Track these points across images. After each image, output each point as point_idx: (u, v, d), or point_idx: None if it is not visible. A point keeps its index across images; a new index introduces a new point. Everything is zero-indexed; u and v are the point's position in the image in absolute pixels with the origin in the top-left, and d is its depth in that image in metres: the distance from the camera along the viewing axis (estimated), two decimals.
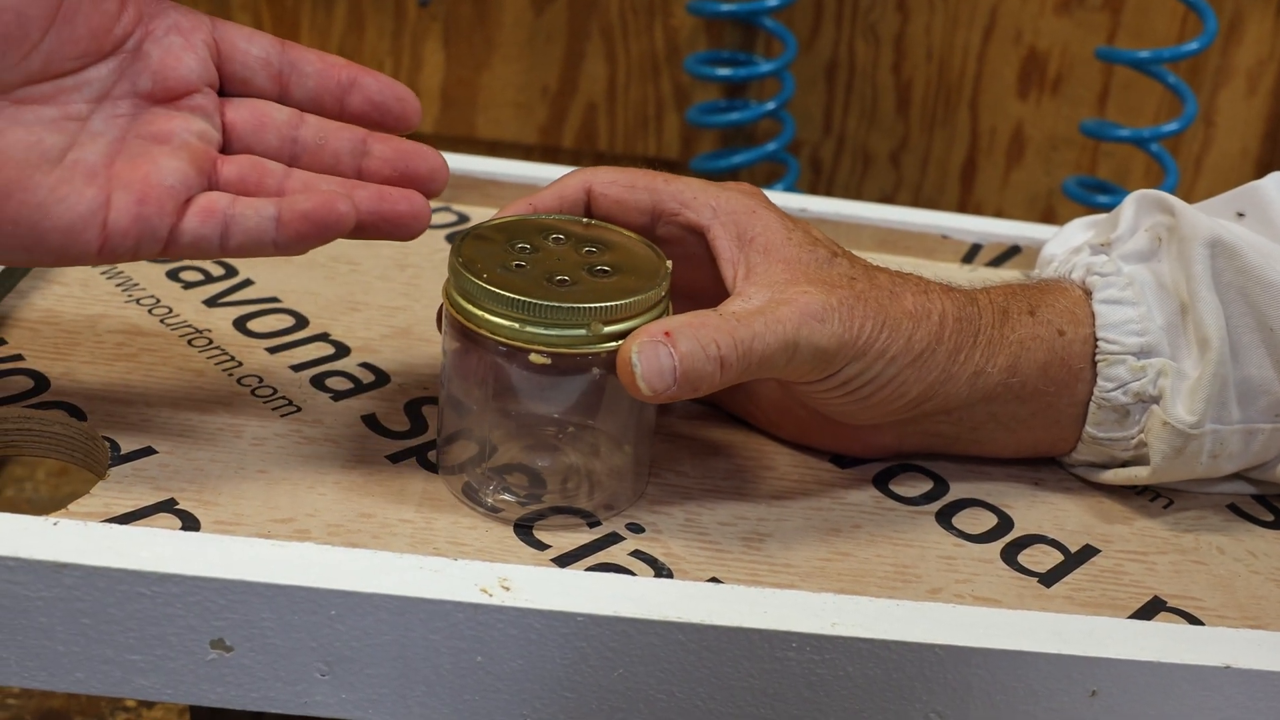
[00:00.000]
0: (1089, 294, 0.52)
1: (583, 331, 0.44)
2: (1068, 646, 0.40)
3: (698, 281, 0.49)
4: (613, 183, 0.49)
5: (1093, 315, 0.51)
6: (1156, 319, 0.50)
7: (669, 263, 0.47)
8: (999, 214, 1.31)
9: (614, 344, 0.44)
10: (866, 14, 1.23)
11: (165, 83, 0.45)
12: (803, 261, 0.47)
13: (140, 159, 0.44)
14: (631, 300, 0.44)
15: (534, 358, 0.44)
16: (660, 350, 0.43)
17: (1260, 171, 1.27)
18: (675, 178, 0.49)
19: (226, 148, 0.46)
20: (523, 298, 0.43)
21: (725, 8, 1.14)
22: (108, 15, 0.44)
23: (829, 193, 1.31)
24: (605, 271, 0.46)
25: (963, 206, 1.31)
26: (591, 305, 0.43)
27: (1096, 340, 0.50)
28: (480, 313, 0.44)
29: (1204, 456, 0.50)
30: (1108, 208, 1.16)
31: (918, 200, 1.31)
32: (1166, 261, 0.52)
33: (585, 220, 0.49)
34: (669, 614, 0.39)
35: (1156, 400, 0.50)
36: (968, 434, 0.51)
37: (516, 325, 0.43)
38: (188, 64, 0.45)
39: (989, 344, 0.49)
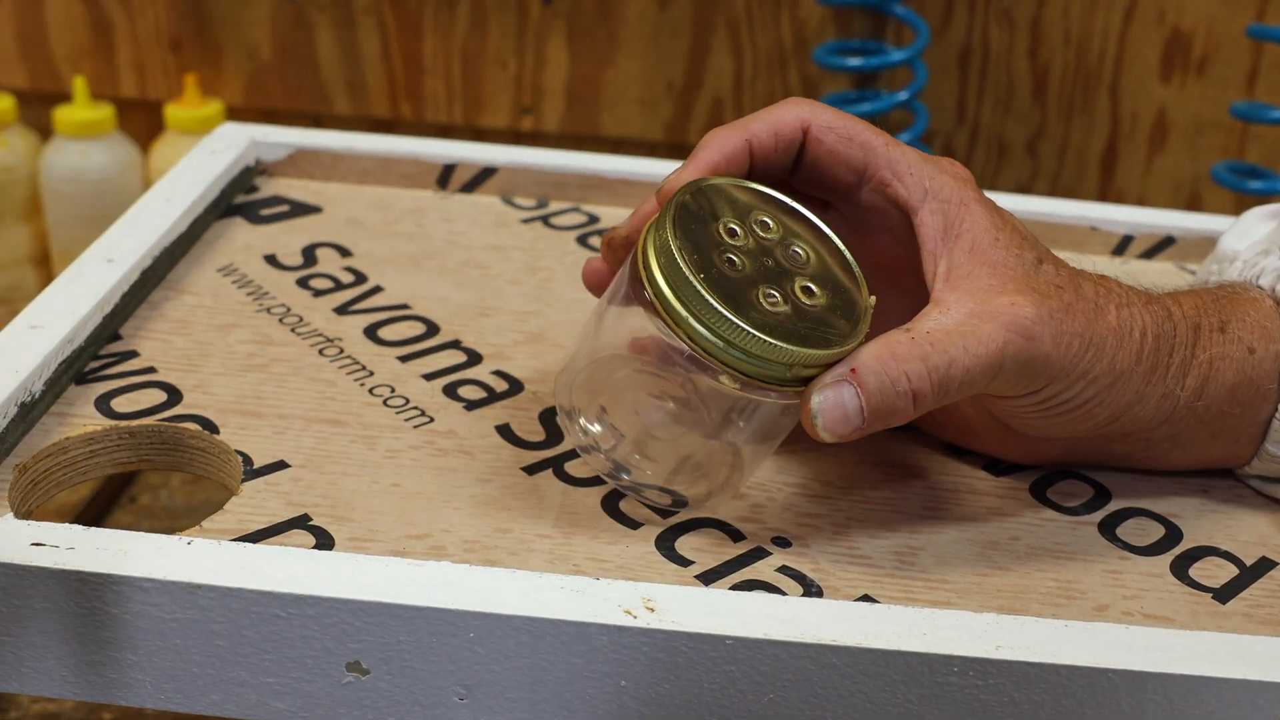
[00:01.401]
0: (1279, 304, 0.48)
1: (781, 371, 0.41)
2: (1254, 671, 0.37)
3: (896, 257, 0.46)
4: (829, 128, 0.45)
5: None
6: None
7: (872, 299, 0.43)
8: (1142, 203, 1.26)
9: (801, 387, 0.41)
10: None
11: None
12: (1010, 266, 0.43)
13: None
14: (836, 351, 0.41)
15: (724, 380, 0.41)
16: (845, 392, 0.41)
17: None
18: (894, 142, 0.46)
19: None
20: (736, 319, 0.40)
21: None
22: None
23: None
24: (809, 291, 0.42)
25: (1103, 195, 1.26)
26: (800, 350, 0.40)
27: None
28: (685, 314, 0.40)
29: None
30: (1260, 194, 1.11)
31: (1056, 190, 1.27)
32: None
33: (792, 205, 0.45)
34: (822, 636, 0.37)
35: None
36: (1141, 452, 0.48)
37: (720, 344, 0.40)
38: None
39: (1180, 365, 0.45)
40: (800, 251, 0.43)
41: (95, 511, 0.90)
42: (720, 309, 0.40)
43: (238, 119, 1.30)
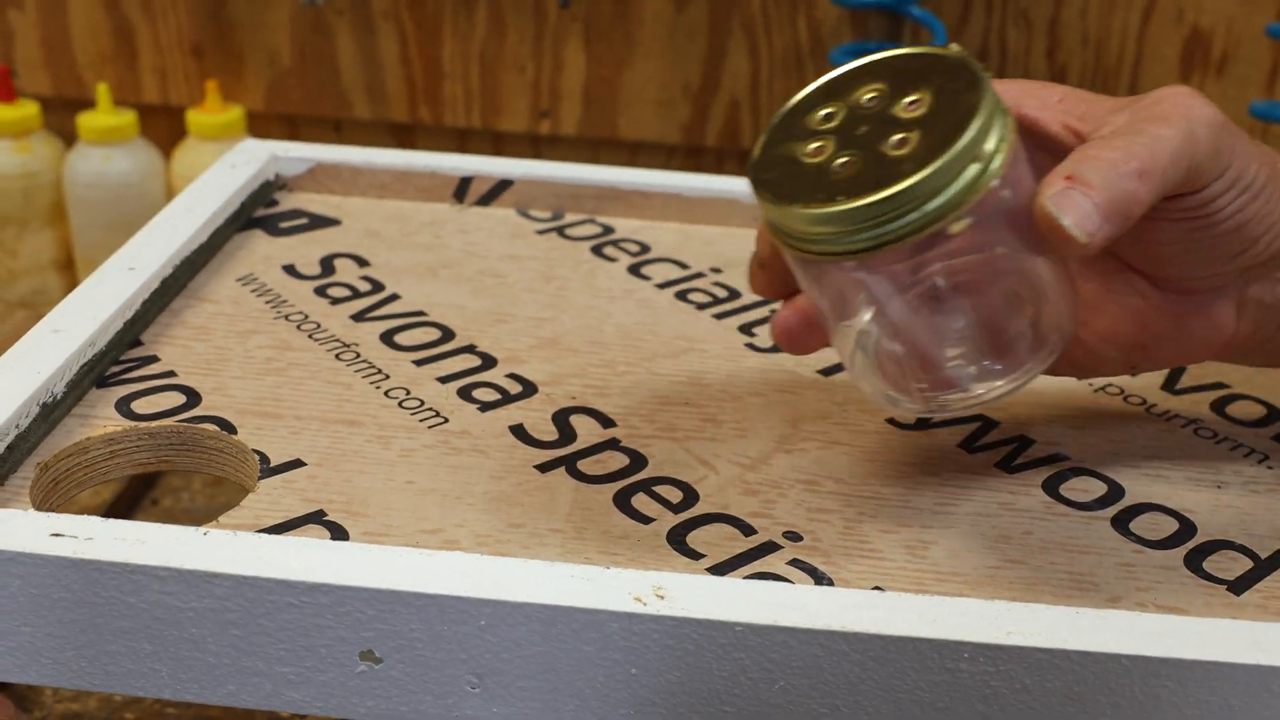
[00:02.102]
0: None
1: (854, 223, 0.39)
2: (1268, 657, 0.37)
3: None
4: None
5: None
6: None
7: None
8: None
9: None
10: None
11: None
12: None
13: None
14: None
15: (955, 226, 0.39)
16: (1074, 195, 0.39)
17: None
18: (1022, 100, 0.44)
19: None
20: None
21: None
22: None
23: None
24: (903, 143, 0.39)
25: None
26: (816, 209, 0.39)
27: None
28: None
29: None
30: None
31: None
32: None
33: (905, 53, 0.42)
34: (832, 623, 0.37)
35: None
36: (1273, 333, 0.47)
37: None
38: None
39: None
40: (910, 102, 0.40)
41: (117, 514, 0.91)
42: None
43: (259, 124, 1.31)
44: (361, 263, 0.63)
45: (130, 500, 0.92)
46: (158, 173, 1.28)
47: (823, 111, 0.42)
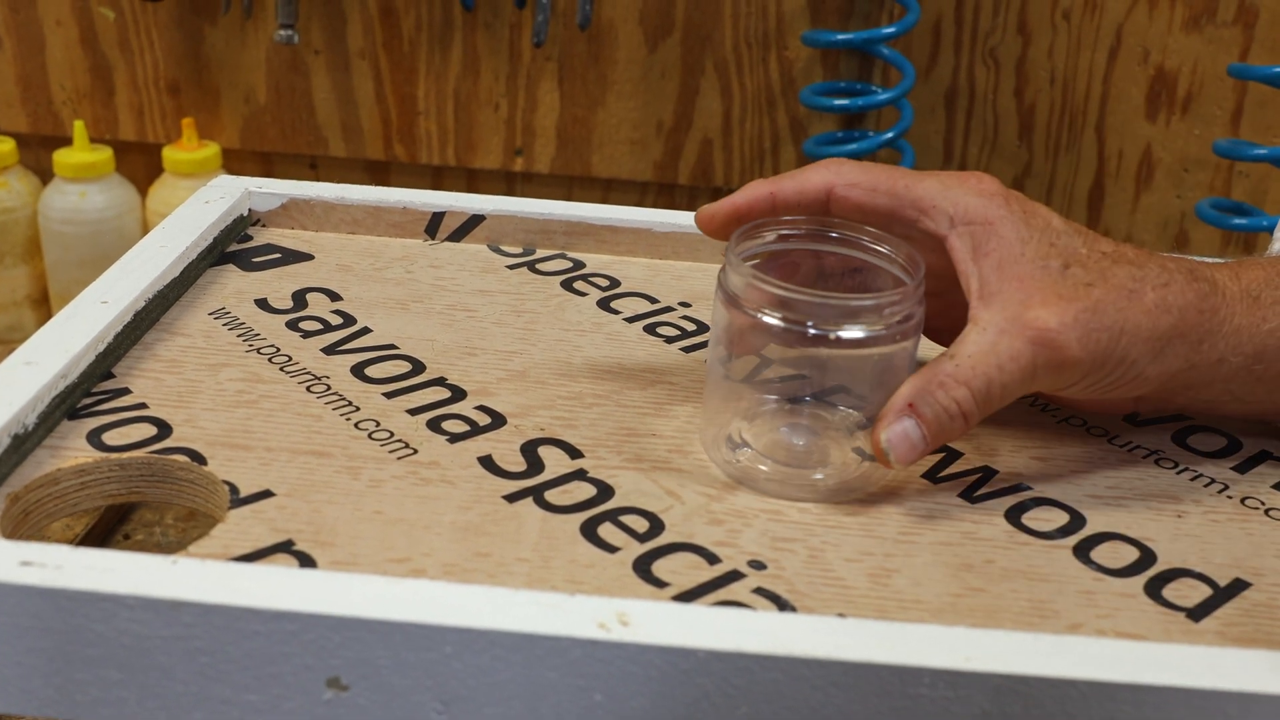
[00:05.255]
0: None
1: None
2: (1223, 681, 0.38)
3: (945, 276, 0.50)
4: (854, 185, 0.50)
5: None
6: None
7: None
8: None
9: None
10: (986, 39, 1.20)
11: None
12: (1035, 279, 0.47)
13: None
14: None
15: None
16: (907, 424, 0.47)
17: None
18: (917, 179, 0.50)
19: None
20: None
21: (840, 37, 1.13)
22: None
23: None
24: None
25: None
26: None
27: None
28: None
29: None
30: (1246, 229, 1.12)
31: None
32: None
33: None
34: (793, 649, 0.37)
35: None
36: (1201, 406, 0.52)
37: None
38: None
39: (1234, 333, 0.48)
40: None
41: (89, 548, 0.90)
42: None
43: (235, 161, 1.32)
44: (333, 297, 0.64)
45: (101, 535, 0.92)
46: (133, 209, 1.29)
47: None
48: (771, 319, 0.47)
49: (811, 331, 0.46)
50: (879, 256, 0.50)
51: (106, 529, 0.93)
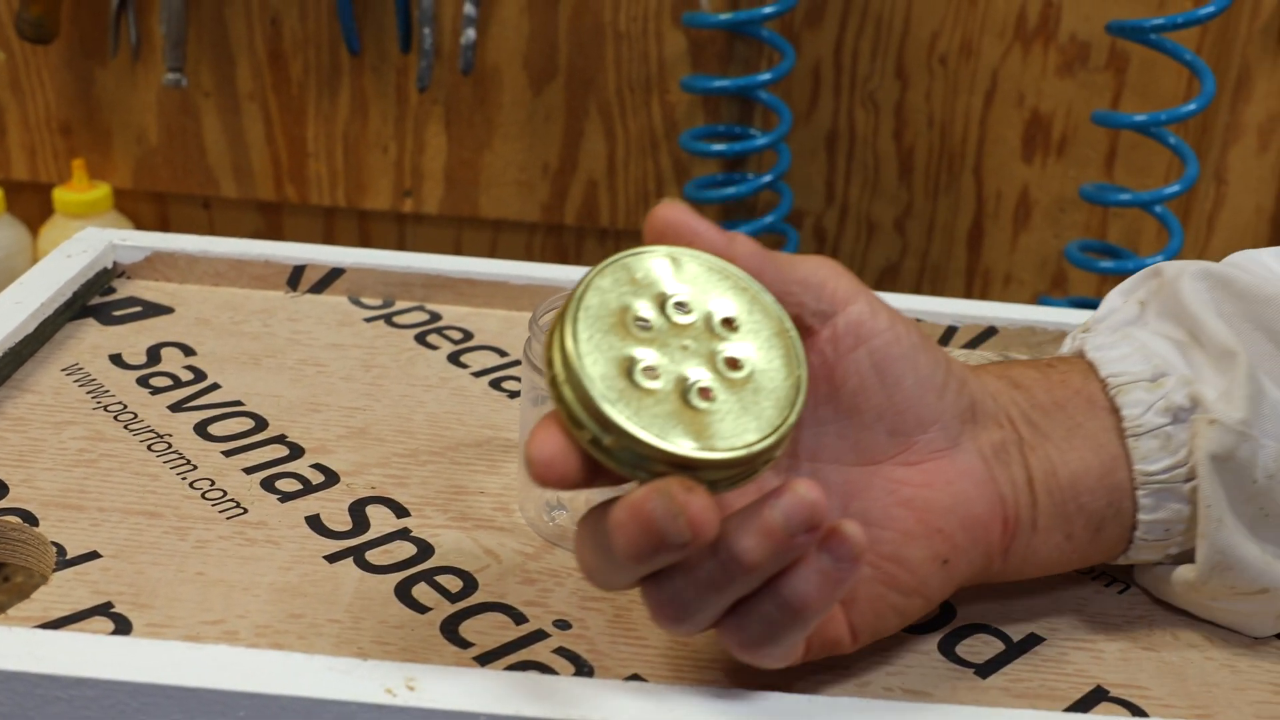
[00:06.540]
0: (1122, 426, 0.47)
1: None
2: None
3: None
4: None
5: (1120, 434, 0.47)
6: (1157, 348, 0.48)
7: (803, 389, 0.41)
8: (1009, 278, 1.31)
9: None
10: (865, 83, 1.23)
11: None
12: None
13: None
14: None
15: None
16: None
17: (1275, 228, 1.26)
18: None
19: None
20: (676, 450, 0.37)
21: (718, 84, 1.16)
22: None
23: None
24: (738, 381, 0.39)
25: (971, 272, 1.30)
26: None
27: (1121, 419, 0.47)
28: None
29: (1260, 473, 0.46)
30: (1112, 273, 1.15)
31: (925, 266, 1.31)
32: (1153, 317, 0.50)
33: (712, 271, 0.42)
34: (572, 712, 0.39)
35: (1193, 410, 0.46)
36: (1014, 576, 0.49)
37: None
38: None
39: (1026, 553, 0.47)
40: (726, 338, 0.41)
41: None
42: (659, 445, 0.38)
43: (128, 201, 1.32)
44: (188, 351, 0.65)
45: None
46: (24, 249, 1.29)
47: (635, 309, 0.40)
48: None
49: None
50: None
51: None
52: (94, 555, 0.49)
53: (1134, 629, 0.49)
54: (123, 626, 0.45)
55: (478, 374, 0.65)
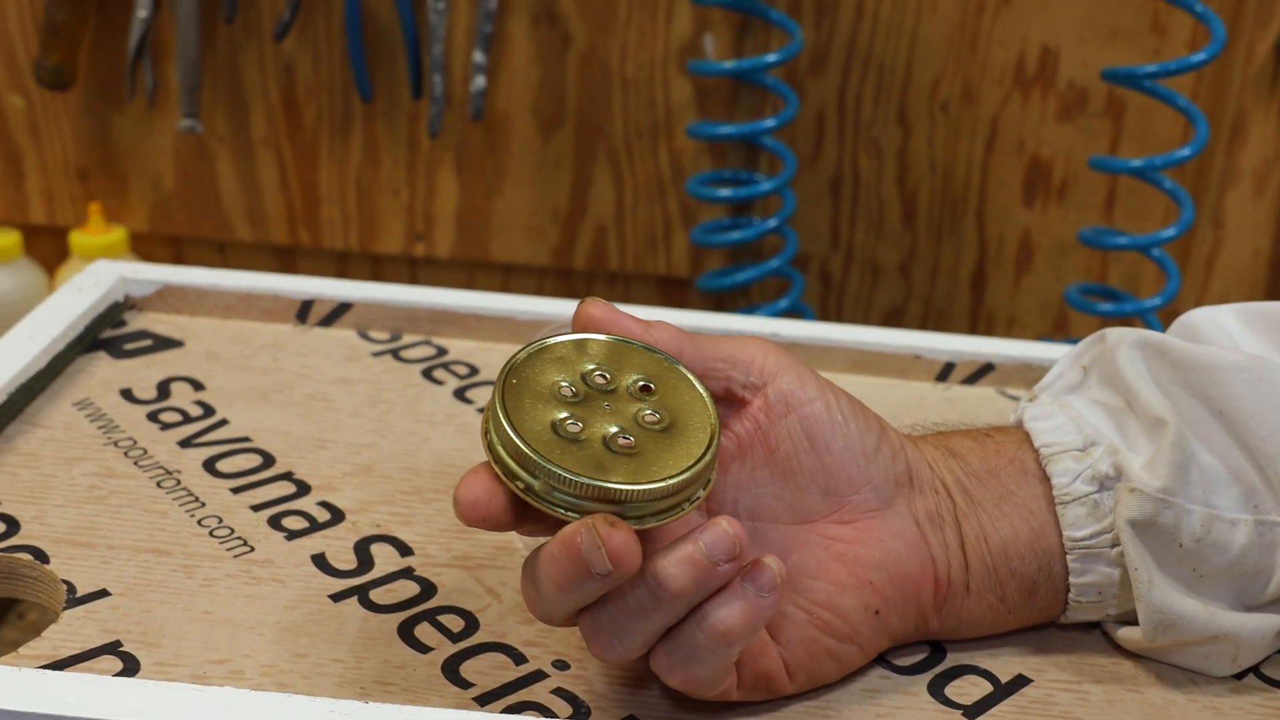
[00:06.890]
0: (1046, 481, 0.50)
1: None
2: None
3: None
4: None
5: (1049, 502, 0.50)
6: (1091, 417, 0.51)
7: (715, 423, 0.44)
8: (1012, 321, 1.32)
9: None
10: (868, 129, 1.25)
11: None
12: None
13: None
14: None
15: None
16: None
17: (1272, 272, 1.27)
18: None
19: None
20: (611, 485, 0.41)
21: (723, 130, 1.17)
22: None
23: (840, 305, 1.33)
24: (656, 431, 0.43)
25: (975, 315, 1.31)
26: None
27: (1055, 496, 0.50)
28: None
29: (1185, 537, 0.48)
30: (1110, 315, 1.16)
31: (929, 310, 1.32)
32: (1095, 383, 0.53)
33: (627, 342, 0.46)
34: None
35: (1117, 479, 0.49)
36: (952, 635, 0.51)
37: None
38: None
39: (961, 613, 0.50)
40: (645, 398, 0.44)
41: None
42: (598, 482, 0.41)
43: (144, 245, 1.34)
44: (197, 386, 0.66)
45: None
46: (41, 292, 1.30)
47: (558, 381, 0.44)
48: None
49: None
50: None
51: (1, 608, 0.94)
52: (103, 593, 0.50)
53: (1120, 671, 0.50)
54: (131, 665, 0.46)
55: (482, 410, 0.66)
